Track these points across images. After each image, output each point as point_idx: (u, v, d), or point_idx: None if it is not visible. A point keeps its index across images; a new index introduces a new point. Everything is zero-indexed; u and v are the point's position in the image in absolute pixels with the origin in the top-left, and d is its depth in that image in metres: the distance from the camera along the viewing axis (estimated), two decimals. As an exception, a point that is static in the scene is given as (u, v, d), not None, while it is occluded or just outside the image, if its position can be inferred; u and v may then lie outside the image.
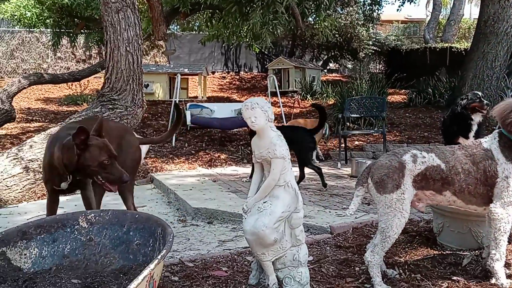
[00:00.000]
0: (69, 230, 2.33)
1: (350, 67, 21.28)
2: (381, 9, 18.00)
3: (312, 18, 10.59)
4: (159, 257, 1.79)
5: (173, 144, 8.28)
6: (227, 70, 19.80)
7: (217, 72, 19.43)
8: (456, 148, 2.37)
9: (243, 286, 2.31)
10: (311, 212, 3.82)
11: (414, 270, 2.49)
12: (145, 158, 6.99)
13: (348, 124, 8.52)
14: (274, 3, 7.03)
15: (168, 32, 10.60)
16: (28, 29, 10.67)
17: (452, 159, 2.29)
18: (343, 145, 7.30)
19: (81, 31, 10.51)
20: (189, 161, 7.25)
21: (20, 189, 4.71)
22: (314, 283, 2.34)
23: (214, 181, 5.66)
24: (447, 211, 2.83)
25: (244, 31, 9.44)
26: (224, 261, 2.72)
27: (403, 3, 16.63)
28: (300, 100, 12.54)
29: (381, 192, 2.26)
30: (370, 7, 17.07)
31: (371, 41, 17.88)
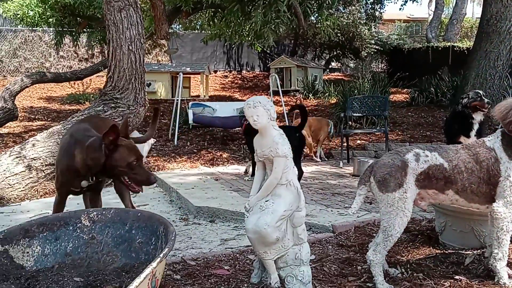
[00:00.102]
0: (72, 228, 2.33)
1: (352, 66, 21.27)
2: (383, 8, 18.01)
3: (314, 17, 10.58)
4: (161, 256, 1.79)
5: (175, 143, 8.28)
6: (229, 69, 19.82)
7: (219, 71, 19.44)
8: (459, 147, 2.36)
9: (245, 285, 2.31)
10: (313, 211, 3.81)
11: (416, 269, 2.49)
12: (147, 157, 7.00)
13: (350, 123, 8.51)
14: (276, 2, 7.03)
15: (170, 31, 10.59)
16: (31, 28, 10.71)
17: (455, 158, 2.28)
18: (345, 144, 7.29)
19: (84, 30, 10.52)
20: (191, 160, 7.25)
21: (23, 188, 4.72)
22: (316, 282, 2.34)
23: (216, 180, 5.66)
24: (450, 210, 2.83)
25: (246, 30, 9.43)
26: (226, 260, 2.72)
27: (405, 2, 16.69)
28: (302, 99, 12.53)
29: (384, 191, 2.25)
30: (372, 6, 17.05)
31: (373, 40, 17.87)
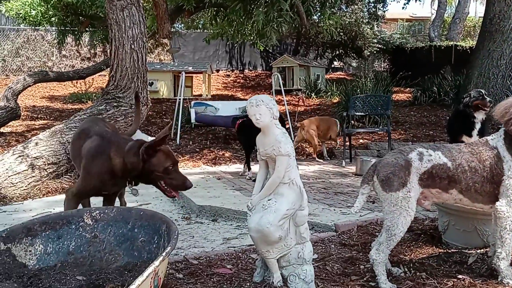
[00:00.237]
0: (74, 227, 2.33)
1: (355, 65, 21.23)
2: (386, 7, 17.99)
3: (317, 16, 10.57)
4: (164, 254, 1.79)
5: (178, 142, 8.28)
6: (232, 68, 19.82)
7: (222, 70, 19.44)
8: (463, 146, 2.35)
9: (248, 284, 2.31)
10: (316, 210, 3.81)
11: (419, 269, 2.48)
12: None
13: (353, 122, 8.50)
14: (279, 1, 7.02)
15: (173, 30, 10.60)
16: (33, 27, 10.70)
17: (459, 157, 2.28)
18: (348, 143, 7.28)
19: (86, 29, 10.52)
20: (194, 159, 7.25)
21: (25, 187, 4.73)
22: (319, 281, 2.33)
23: (219, 179, 5.66)
24: (453, 209, 2.82)
25: (249, 29, 9.43)
26: (229, 259, 2.72)
27: (408, 1, 16.61)
28: (305, 98, 12.52)
29: (387, 190, 2.25)
30: (375, 5, 17.02)
31: (376, 40, 17.82)
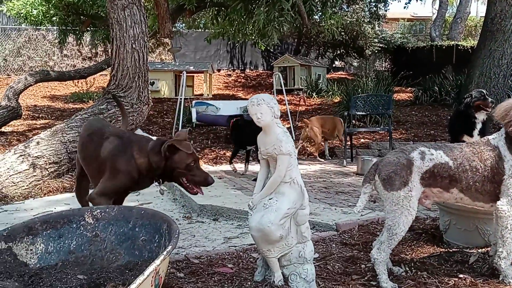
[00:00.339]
0: (75, 226, 2.33)
1: (356, 65, 21.22)
2: (387, 7, 17.95)
3: (318, 16, 10.56)
4: (165, 253, 1.78)
5: (179, 142, 8.27)
6: (233, 68, 19.81)
7: (223, 70, 19.44)
8: (464, 146, 2.35)
9: (249, 283, 2.31)
10: (317, 210, 3.81)
11: (420, 268, 2.48)
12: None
13: (354, 122, 8.50)
14: (280, 1, 7.01)
15: (174, 30, 10.60)
16: (35, 27, 10.72)
17: (460, 157, 2.28)
18: (349, 143, 7.28)
19: (87, 29, 10.53)
20: (195, 159, 7.24)
21: (27, 186, 4.73)
22: (320, 280, 2.33)
23: (220, 178, 5.66)
24: (454, 209, 2.82)
25: (250, 29, 9.42)
26: (230, 258, 2.72)
27: (410, 1, 16.61)
28: (306, 98, 12.51)
29: (389, 189, 2.25)
30: (376, 5, 17.00)
31: (377, 39, 17.81)
